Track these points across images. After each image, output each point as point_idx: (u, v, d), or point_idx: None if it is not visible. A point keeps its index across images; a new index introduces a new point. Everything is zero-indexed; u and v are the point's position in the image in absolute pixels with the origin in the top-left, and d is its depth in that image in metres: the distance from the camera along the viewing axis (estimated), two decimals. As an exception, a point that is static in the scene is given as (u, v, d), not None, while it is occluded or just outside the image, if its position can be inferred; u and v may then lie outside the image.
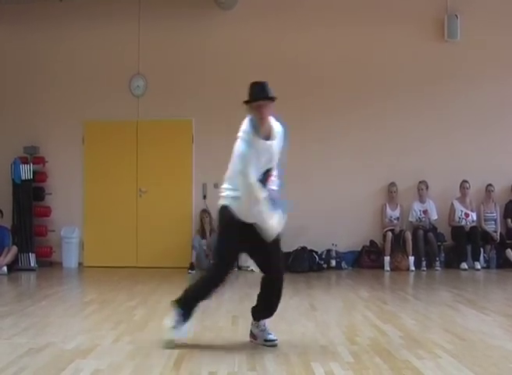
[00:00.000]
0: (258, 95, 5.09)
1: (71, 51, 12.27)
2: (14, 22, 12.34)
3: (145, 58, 12.14)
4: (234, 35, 12.03)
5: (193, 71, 12.12)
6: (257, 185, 5.05)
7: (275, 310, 5.31)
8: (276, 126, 5.28)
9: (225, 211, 5.17)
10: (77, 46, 12.26)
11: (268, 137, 5.18)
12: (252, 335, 5.30)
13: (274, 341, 5.20)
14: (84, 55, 12.26)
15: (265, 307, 5.32)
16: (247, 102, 5.12)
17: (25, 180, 11.64)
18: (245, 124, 5.16)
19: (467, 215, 11.57)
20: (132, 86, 12.20)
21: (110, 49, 12.21)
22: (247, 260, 11.39)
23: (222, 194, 5.24)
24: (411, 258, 11.13)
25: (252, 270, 11.14)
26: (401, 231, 11.46)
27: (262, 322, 5.28)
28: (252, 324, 5.32)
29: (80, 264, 11.99)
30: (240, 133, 5.15)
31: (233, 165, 5.27)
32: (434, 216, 11.59)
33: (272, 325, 5.99)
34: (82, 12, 12.18)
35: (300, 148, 11.83)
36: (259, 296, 5.37)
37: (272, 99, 5.11)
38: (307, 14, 11.96)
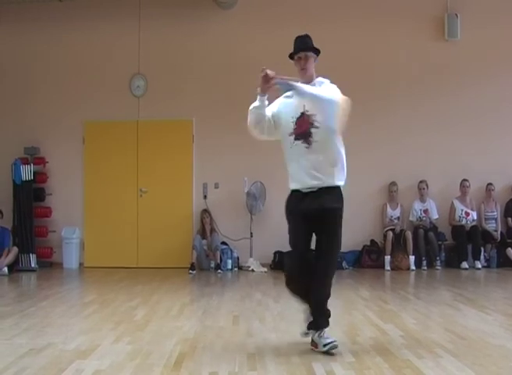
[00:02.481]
0: (298, 47, 5.31)
1: (71, 51, 12.27)
2: (14, 22, 12.34)
3: (145, 58, 12.15)
4: (234, 35, 12.03)
5: (193, 71, 12.12)
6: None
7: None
8: (325, 82, 5.43)
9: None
10: (77, 46, 12.26)
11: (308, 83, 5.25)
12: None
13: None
14: (84, 56, 12.26)
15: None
16: (291, 57, 5.34)
17: (25, 181, 11.64)
18: None
19: (467, 214, 11.57)
20: (132, 86, 12.20)
21: (110, 49, 12.21)
22: (247, 260, 11.45)
23: None
24: (412, 258, 11.13)
25: (253, 270, 11.15)
26: (402, 231, 11.47)
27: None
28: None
29: (80, 264, 11.99)
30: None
31: None
32: (434, 216, 11.59)
33: (272, 325, 6.00)
34: (82, 13, 12.18)
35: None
36: None
37: (313, 49, 5.33)
38: (307, 13, 11.95)
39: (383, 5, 11.98)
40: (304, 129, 5.07)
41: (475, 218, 11.58)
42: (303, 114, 5.11)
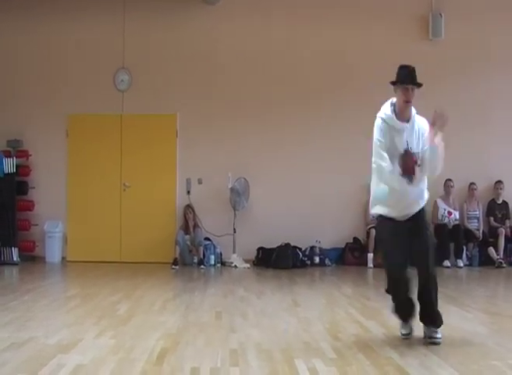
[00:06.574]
0: (406, 79, 5.30)
1: (55, 44, 12.19)
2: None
3: (130, 53, 12.09)
4: (219, 30, 12.01)
5: (178, 66, 12.10)
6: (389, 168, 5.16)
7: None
8: (419, 119, 5.48)
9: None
10: (61, 39, 12.17)
11: (406, 120, 5.30)
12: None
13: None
14: (69, 49, 12.18)
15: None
16: (393, 83, 5.33)
17: (8, 174, 11.56)
18: (385, 106, 5.37)
19: (450, 213, 11.63)
20: (116, 80, 12.15)
21: (95, 43, 12.14)
22: (230, 256, 11.45)
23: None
24: (394, 256, 11.16)
25: (235, 266, 11.16)
26: (384, 228, 11.49)
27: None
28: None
29: (63, 259, 11.93)
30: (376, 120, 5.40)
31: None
32: (417, 214, 11.62)
33: (255, 321, 6.01)
34: (66, 5, 12.09)
35: (284, 145, 11.89)
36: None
37: (419, 85, 5.32)
38: (292, 10, 11.97)
39: (368, 4, 12.01)
40: (409, 167, 5.14)
41: (458, 218, 11.65)
42: (406, 151, 5.22)
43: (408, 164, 5.12)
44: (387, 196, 5.23)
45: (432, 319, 5.21)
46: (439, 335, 5.13)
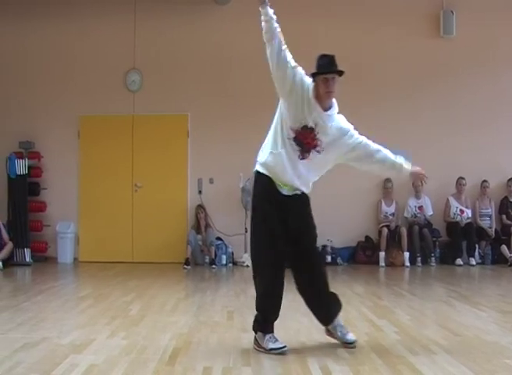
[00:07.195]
0: (326, 68, 4.87)
1: (66, 45, 12.22)
2: (7, 17, 12.27)
3: (141, 53, 12.11)
4: (230, 30, 12.00)
5: (189, 66, 12.11)
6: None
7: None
8: (336, 109, 5.04)
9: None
10: (73, 41, 12.21)
11: (324, 109, 4.87)
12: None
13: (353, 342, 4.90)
14: (80, 50, 12.22)
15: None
16: (313, 75, 4.86)
17: (20, 175, 11.60)
18: (308, 78, 4.88)
19: (462, 211, 11.59)
20: (128, 81, 12.18)
21: (106, 44, 12.18)
22: (241, 256, 11.45)
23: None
24: (406, 254, 11.16)
25: (247, 266, 11.16)
26: (396, 227, 11.49)
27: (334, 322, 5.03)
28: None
29: (75, 259, 11.97)
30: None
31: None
32: (429, 212, 11.61)
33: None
34: (78, 7, 12.13)
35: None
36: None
37: (341, 73, 4.88)
38: (303, 9, 11.94)
39: (378, 2, 11.98)
40: (304, 140, 4.80)
41: (470, 216, 11.61)
42: (312, 129, 4.81)
43: (306, 139, 4.78)
44: (278, 148, 4.89)
45: (333, 311, 5.08)
46: (351, 337, 4.94)
